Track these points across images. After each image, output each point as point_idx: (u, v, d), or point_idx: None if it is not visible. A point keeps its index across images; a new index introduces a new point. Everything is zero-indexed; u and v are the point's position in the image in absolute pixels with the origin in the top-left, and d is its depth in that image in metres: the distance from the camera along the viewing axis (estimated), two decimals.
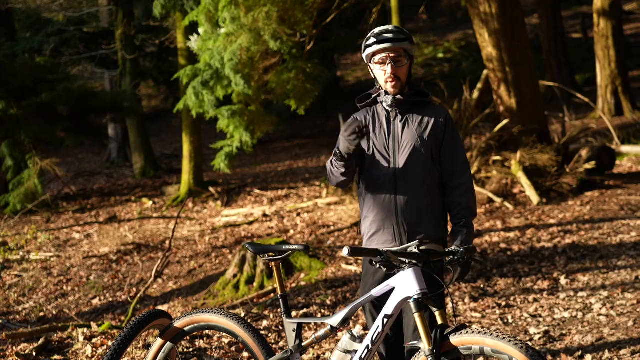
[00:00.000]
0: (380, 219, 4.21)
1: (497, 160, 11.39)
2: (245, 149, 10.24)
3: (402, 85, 4.19)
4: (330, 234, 10.67)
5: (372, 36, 4.18)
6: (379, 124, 4.26)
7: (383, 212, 4.19)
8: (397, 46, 4.13)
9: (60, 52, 19.70)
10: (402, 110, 4.23)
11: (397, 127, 4.22)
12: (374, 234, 4.24)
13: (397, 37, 4.13)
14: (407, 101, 4.21)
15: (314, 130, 23.10)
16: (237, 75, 9.34)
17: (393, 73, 4.15)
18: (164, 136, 24.37)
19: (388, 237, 4.20)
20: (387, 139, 4.22)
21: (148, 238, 12.26)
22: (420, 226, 4.16)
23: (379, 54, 4.16)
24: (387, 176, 4.18)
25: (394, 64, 4.14)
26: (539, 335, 5.98)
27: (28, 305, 9.95)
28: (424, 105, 4.27)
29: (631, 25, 26.89)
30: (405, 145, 4.18)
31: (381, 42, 4.12)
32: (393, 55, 4.14)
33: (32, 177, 13.82)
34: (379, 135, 4.24)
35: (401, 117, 4.23)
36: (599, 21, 17.79)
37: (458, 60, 26.71)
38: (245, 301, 8.18)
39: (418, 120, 4.21)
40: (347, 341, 3.88)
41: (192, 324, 4.24)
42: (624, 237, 8.71)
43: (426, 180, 4.17)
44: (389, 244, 4.18)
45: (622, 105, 17.79)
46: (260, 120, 10.32)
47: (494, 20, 10.90)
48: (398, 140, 4.20)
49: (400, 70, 4.16)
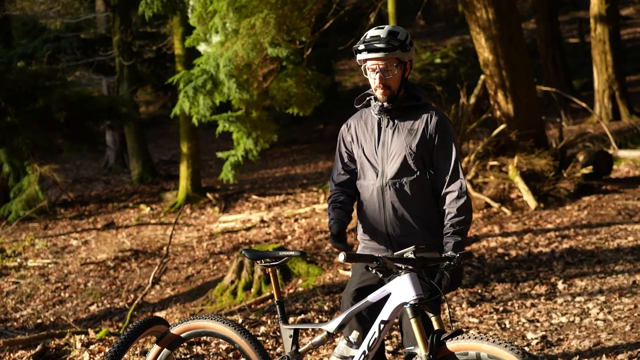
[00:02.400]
0: (371, 228, 4.19)
1: (494, 165, 11.39)
2: (250, 158, 10.24)
3: (392, 93, 4.09)
4: (327, 239, 10.66)
5: (362, 42, 4.04)
6: (370, 129, 4.20)
7: (374, 221, 4.17)
8: (387, 56, 4.00)
9: (57, 58, 19.69)
10: (392, 117, 4.15)
11: (387, 135, 4.14)
12: (367, 241, 4.24)
13: (387, 46, 3.98)
14: (398, 107, 4.13)
15: (312, 135, 23.10)
16: (230, 80, 9.34)
17: (382, 82, 4.05)
18: (161, 142, 24.37)
19: (380, 245, 4.19)
20: (377, 147, 4.16)
21: (146, 244, 12.25)
22: (409, 237, 4.10)
23: (369, 60, 4.05)
24: (375, 186, 4.14)
25: (382, 75, 4.03)
26: (536, 340, 5.98)
27: (25, 312, 9.93)
28: (416, 109, 4.16)
29: (628, 30, 26.92)
30: (394, 155, 4.11)
31: (370, 51, 4.00)
32: (382, 65, 4.02)
33: (32, 183, 13.82)
34: (369, 141, 4.18)
35: (392, 123, 4.15)
36: (596, 26, 17.81)
37: (455, 65, 26.72)
38: (243, 307, 8.17)
39: (408, 127, 4.12)
40: (343, 347, 3.87)
41: (189, 330, 4.24)
42: (622, 242, 8.71)
43: (416, 190, 4.10)
44: (382, 252, 4.16)
45: (620, 110, 17.80)
46: (264, 127, 10.32)
47: (490, 25, 10.91)
48: (387, 148, 4.13)
49: (391, 80, 4.05)
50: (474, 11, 10.99)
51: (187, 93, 9.71)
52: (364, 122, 4.24)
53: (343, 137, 4.31)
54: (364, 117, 4.26)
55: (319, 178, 16.55)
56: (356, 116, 4.31)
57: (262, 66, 10.20)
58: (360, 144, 4.21)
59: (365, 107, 4.30)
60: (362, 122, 4.25)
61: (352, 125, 4.28)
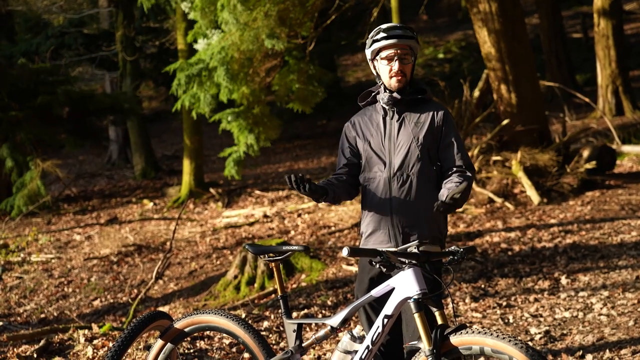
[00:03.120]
0: (376, 219, 4.21)
1: (497, 160, 11.38)
2: (251, 153, 10.22)
3: (406, 81, 4.21)
4: (331, 234, 10.66)
5: (382, 31, 4.18)
6: (375, 124, 4.26)
7: (379, 213, 4.20)
8: (406, 43, 4.16)
9: (61, 54, 19.71)
10: (399, 110, 4.23)
11: (394, 127, 4.22)
12: (371, 234, 4.25)
13: (406, 33, 4.17)
14: (405, 100, 4.21)
15: (315, 131, 23.10)
16: (221, 68, 9.31)
17: (400, 69, 4.17)
18: (164, 137, 24.38)
19: (384, 237, 4.20)
20: (383, 139, 4.22)
21: (149, 239, 12.26)
22: (414, 227, 4.15)
23: (386, 49, 4.17)
24: (383, 177, 4.19)
25: (400, 61, 4.16)
26: (539, 335, 5.98)
27: (29, 307, 9.95)
28: (422, 103, 4.27)
29: (631, 25, 26.87)
30: (401, 146, 4.18)
31: (391, 37, 4.14)
32: (400, 52, 4.16)
33: (34, 178, 13.84)
34: (375, 135, 4.24)
35: (398, 116, 4.23)
36: (599, 21, 17.79)
37: (458, 60, 26.68)
38: (246, 302, 8.18)
39: (415, 119, 4.21)
40: (347, 341, 3.88)
41: (192, 325, 4.24)
42: (625, 237, 8.71)
43: (422, 181, 4.15)
44: (385, 244, 4.18)
45: (623, 105, 17.78)
46: (266, 123, 10.28)
47: (494, 20, 10.90)
48: (394, 140, 4.20)
49: (407, 67, 4.19)
50: (478, 6, 10.97)
51: (180, 81, 9.68)
52: (369, 119, 4.31)
53: (347, 134, 4.35)
54: (367, 114, 4.33)
55: (322, 173, 16.55)
56: (360, 114, 4.37)
57: (264, 61, 10.17)
58: (366, 138, 4.26)
59: (369, 105, 4.35)
60: (367, 118, 4.31)
61: (357, 122, 4.34)
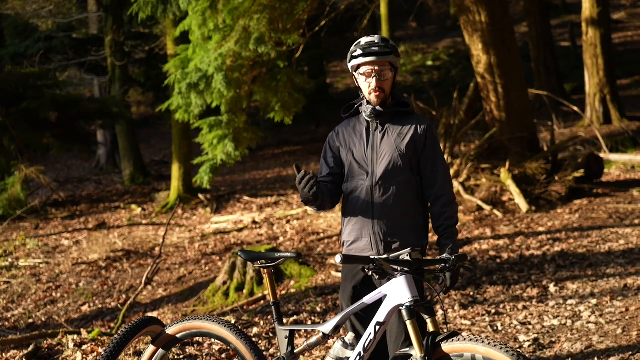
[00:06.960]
0: (358, 228, 4.23)
1: (486, 168, 11.42)
2: (226, 162, 10.09)
3: (385, 97, 4.21)
4: (319, 241, 10.68)
5: (359, 48, 4.19)
6: (359, 135, 4.29)
7: (361, 222, 4.22)
8: (383, 60, 4.15)
9: (49, 58, 19.66)
10: (381, 121, 4.26)
11: (377, 138, 4.24)
12: (353, 242, 4.27)
13: (383, 50, 4.15)
14: (387, 112, 4.24)
15: (304, 137, 23.11)
16: (219, 74, 9.33)
17: (378, 86, 4.17)
18: (153, 142, 24.34)
19: (365, 246, 4.22)
20: (366, 149, 4.24)
21: (137, 245, 12.23)
22: (396, 236, 4.17)
23: (364, 66, 4.18)
24: (365, 186, 4.21)
25: (378, 77, 4.17)
26: (528, 343, 6.01)
27: (17, 312, 9.91)
28: (404, 115, 4.29)
29: (619, 34, 27.06)
30: (384, 156, 4.20)
31: (367, 55, 4.14)
32: (378, 68, 4.16)
33: (16, 184, 13.78)
34: (359, 146, 4.27)
35: (381, 127, 4.25)
36: (588, 30, 17.88)
37: (447, 68, 26.79)
38: (236, 308, 8.17)
39: (397, 131, 4.23)
40: (339, 348, 3.89)
41: (184, 330, 4.25)
42: (613, 245, 8.75)
43: (404, 191, 4.18)
44: (366, 252, 4.20)
45: (611, 113, 17.86)
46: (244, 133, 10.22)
47: (483, 28, 10.95)
48: (377, 150, 4.23)
49: (385, 83, 4.19)
50: (467, 14, 11.02)
51: (182, 89, 9.68)
52: (352, 129, 4.34)
53: (330, 144, 4.39)
54: (351, 124, 4.36)
55: None
56: (344, 124, 4.40)
57: (252, 69, 10.17)
58: (349, 148, 4.29)
59: (352, 116, 4.38)
60: (350, 129, 4.34)
61: (341, 132, 4.37)
